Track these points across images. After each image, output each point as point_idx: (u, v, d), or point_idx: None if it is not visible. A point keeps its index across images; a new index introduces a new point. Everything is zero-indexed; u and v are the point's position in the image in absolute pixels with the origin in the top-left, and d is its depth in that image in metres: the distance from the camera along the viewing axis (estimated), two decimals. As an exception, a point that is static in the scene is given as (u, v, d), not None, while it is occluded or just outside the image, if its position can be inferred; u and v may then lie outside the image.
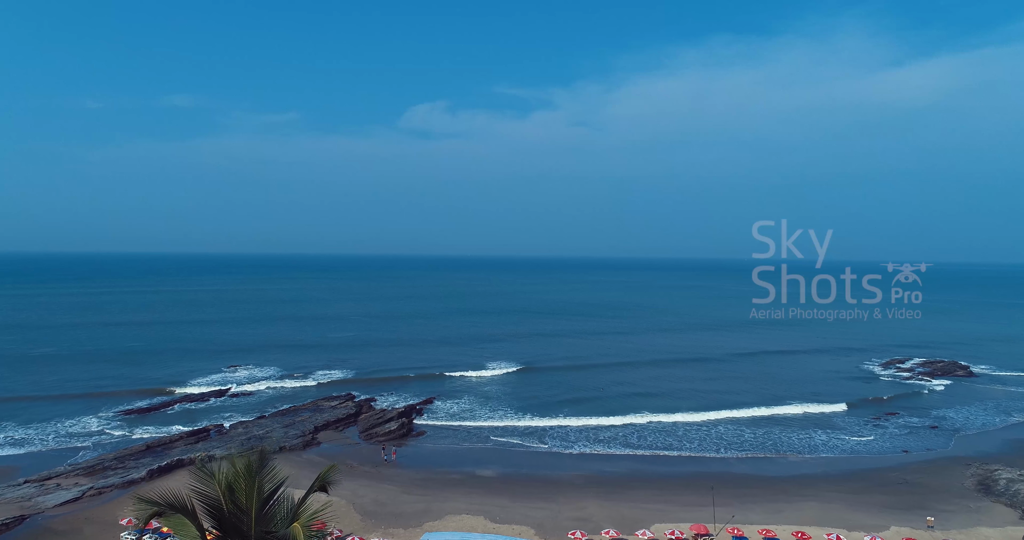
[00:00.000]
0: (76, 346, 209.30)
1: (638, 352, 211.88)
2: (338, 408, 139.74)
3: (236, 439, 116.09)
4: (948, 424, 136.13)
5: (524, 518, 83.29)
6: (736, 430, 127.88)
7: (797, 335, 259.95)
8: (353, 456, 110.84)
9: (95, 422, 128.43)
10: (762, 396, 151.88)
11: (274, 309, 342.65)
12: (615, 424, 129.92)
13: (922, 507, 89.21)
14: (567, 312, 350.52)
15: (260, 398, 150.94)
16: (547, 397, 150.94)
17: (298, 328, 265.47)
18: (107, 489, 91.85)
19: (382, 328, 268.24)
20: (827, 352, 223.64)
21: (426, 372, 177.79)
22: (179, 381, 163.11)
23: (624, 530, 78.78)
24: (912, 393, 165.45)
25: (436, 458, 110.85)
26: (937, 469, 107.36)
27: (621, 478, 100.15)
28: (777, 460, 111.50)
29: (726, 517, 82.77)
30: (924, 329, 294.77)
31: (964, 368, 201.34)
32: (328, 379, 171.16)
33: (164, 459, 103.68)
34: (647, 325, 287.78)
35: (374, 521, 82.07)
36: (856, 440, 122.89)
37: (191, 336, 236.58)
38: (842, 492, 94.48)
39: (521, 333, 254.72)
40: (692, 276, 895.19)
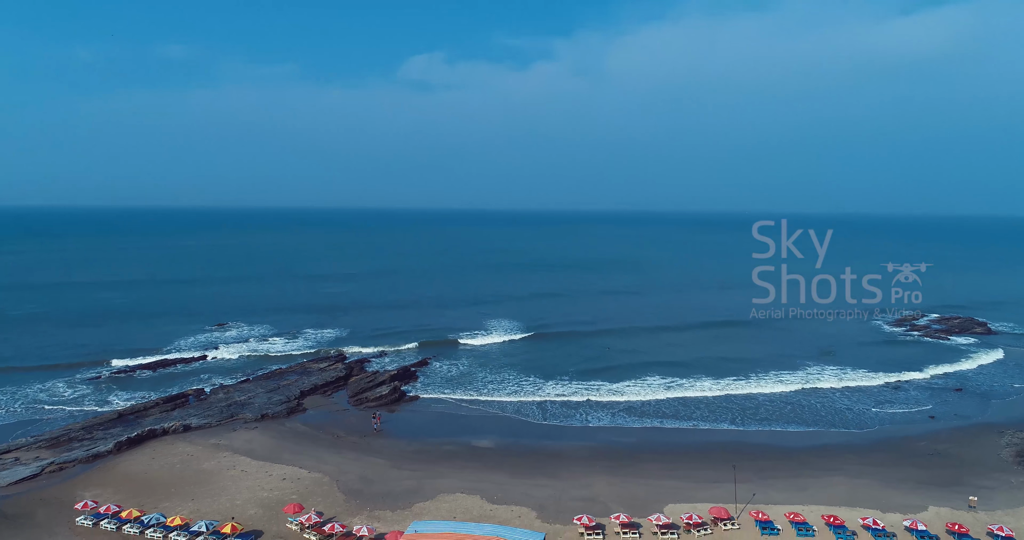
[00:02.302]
0: (56, 307, 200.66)
1: (646, 314, 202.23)
2: (327, 371, 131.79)
3: (215, 406, 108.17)
4: (973, 387, 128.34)
5: (524, 498, 75.55)
6: (750, 397, 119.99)
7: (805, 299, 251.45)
8: (340, 424, 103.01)
9: (67, 388, 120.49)
10: (774, 360, 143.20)
11: (266, 266, 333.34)
12: (623, 391, 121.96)
13: (959, 483, 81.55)
14: (571, 268, 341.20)
15: (245, 360, 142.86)
16: (550, 362, 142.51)
17: (290, 286, 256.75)
18: (69, 464, 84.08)
19: (378, 286, 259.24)
20: (836, 309, 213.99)
21: (422, 333, 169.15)
22: (162, 342, 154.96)
23: (635, 513, 71.00)
24: (930, 352, 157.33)
25: (429, 427, 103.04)
26: (968, 438, 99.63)
27: (630, 450, 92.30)
28: (796, 429, 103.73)
29: (747, 495, 75.08)
30: (934, 284, 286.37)
31: (982, 325, 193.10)
32: (319, 339, 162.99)
33: (135, 429, 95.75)
34: (655, 283, 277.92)
35: (359, 502, 74.30)
36: (877, 407, 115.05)
37: (178, 295, 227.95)
38: (870, 465, 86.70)
39: (523, 292, 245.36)
40: (699, 230, 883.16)
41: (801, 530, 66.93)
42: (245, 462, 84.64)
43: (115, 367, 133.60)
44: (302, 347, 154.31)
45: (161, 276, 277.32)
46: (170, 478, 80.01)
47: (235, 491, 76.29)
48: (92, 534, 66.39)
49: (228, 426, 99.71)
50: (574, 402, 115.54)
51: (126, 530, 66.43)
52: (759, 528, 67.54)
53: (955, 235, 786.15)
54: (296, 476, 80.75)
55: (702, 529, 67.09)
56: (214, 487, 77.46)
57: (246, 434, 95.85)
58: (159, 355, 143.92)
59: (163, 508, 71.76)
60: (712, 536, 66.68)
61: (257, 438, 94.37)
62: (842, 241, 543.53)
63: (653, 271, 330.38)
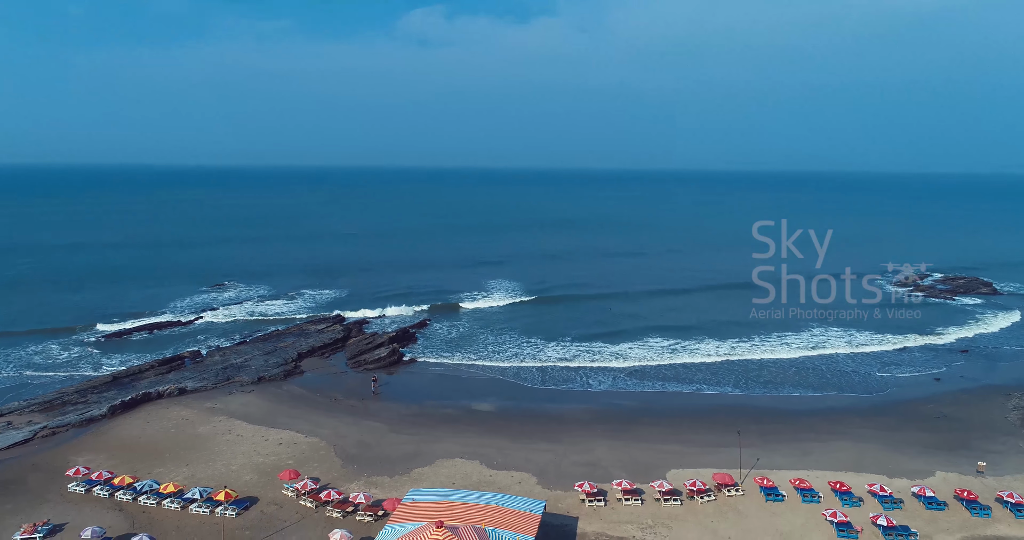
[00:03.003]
0: (50, 268, 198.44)
1: (648, 275, 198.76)
2: (325, 332, 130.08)
3: (211, 369, 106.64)
4: (979, 348, 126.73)
5: (525, 463, 74.25)
6: (752, 359, 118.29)
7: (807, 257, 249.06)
8: (338, 387, 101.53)
9: (61, 351, 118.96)
10: (777, 322, 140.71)
11: (265, 226, 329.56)
12: (625, 355, 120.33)
13: (966, 447, 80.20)
14: (573, 228, 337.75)
15: (243, 321, 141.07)
16: (551, 324, 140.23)
17: (289, 246, 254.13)
18: (62, 429, 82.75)
19: (378, 246, 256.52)
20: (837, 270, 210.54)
21: (422, 294, 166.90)
22: (158, 304, 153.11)
23: (637, 478, 69.73)
24: (936, 313, 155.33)
25: (428, 390, 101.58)
26: (975, 400, 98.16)
27: (632, 414, 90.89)
28: (800, 392, 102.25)
29: (750, 461, 73.70)
30: (937, 243, 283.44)
31: (987, 285, 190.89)
32: (317, 300, 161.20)
33: (129, 392, 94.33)
34: (658, 244, 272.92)
35: (356, 467, 72.98)
36: (883, 369, 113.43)
37: (174, 256, 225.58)
38: (876, 429, 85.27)
39: (524, 253, 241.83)
40: (701, 188, 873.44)
41: (806, 496, 65.62)
42: (241, 426, 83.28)
43: (111, 329, 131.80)
44: (300, 308, 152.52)
45: (156, 236, 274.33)
46: (165, 443, 78.70)
47: (230, 456, 75.01)
48: (84, 501, 65.16)
49: (224, 389, 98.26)
50: (575, 365, 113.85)
51: (119, 497, 65.15)
52: (763, 494, 66.27)
53: (957, 193, 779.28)
54: (292, 441, 79.42)
55: (705, 495, 65.80)
56: (209, 452, 76.18)
57: (242, 397, 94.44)
58: (155, 317, 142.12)
59: (157, 474, 70.54)
60: (716, 502, 65.40)
61: (253, 401, 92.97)
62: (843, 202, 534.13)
63: (656, 231, 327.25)
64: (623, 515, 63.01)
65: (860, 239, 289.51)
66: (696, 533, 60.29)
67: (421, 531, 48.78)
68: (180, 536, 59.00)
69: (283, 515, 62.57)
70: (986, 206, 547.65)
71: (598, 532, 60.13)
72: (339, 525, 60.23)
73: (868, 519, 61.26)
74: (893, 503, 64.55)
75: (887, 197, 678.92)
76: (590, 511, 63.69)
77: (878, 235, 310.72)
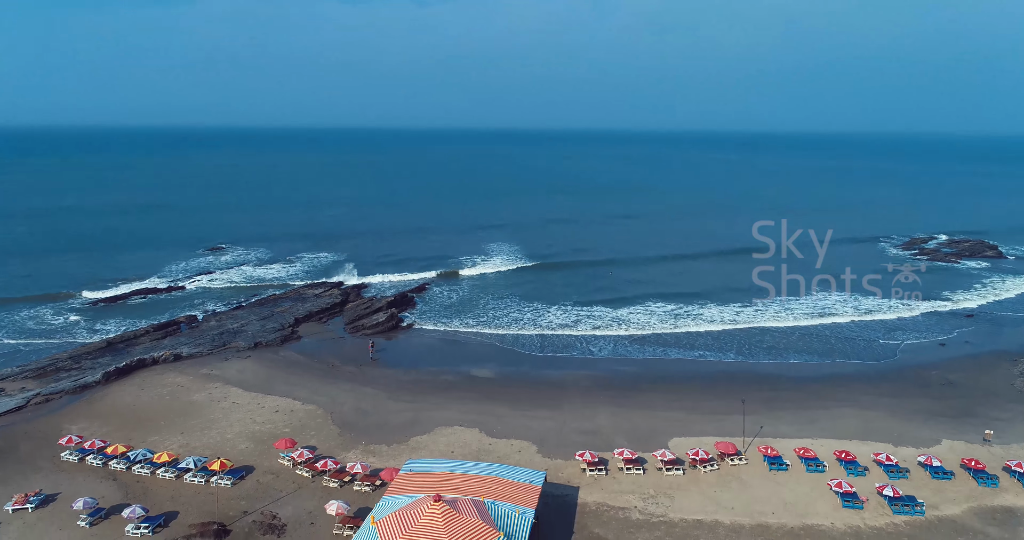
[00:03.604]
0: (45, 232, 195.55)
1: (651, 239, 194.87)
2: (323, 296, 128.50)
3: (207, 334, 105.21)
4: (985, 312, 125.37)
5: (524, 430, 73.14)
6: (755, 325, 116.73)
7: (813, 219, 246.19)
8: (335, 352, 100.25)
9: (55, 316, 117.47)
10: (779, 288, 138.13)
11: (263, 189, 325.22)
12: (627, 320, 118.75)
13: (972, 414, 79.07)
14: (575, 191, 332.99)
15: (240, 285, 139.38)
16: (553, 290, 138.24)
17: (288, 210, 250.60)
18: (55, 396, 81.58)
19: (378, 210, 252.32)
20: (842, 235, 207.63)
21: (422, 258, 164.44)
22: (155, 268, 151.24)
23: (639, 446, 68.66)
24: (941, 277, 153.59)
25: (427, 356, 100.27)
26: (981, 366, 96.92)
27: (634, 380, 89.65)
28: (804, 358, 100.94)
29: (754, 429, 72.60)
30: (940, 205, 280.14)
31: (992, 248, 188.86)
32: (316, 264, 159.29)
33: (124, 358, 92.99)
34: (663, 208, 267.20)
35: (353, 435, 71.90)
36: (886, 334, 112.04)
37: (171, 219, 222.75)
38: (881, 396, 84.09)
39: (526, 217, 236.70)
40: (708, 148, 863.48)
41: (811, 466, 64.55)
42: (237, 393, 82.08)
43: (105, 294, 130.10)
44: (298, 272, 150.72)
45: (153, 199, 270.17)
46: (159, 410, 77.55)
47: (226, 424, 73.90)
48: (77, 469, 64.14)
49: (220, 355, 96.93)
50: (576, 331, 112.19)
51: (112, 466, 64.13)
52: (767, 463, 65.20)
53: (962, 154, 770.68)
54: (289, 408, 78.25)
55: (708, 465, 64.75)
56: (204, 420, 75.05)
57: (238, 363, 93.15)
58: (151, 281, 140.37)
59: (151, 442, 69.45)
60: (718, 472, 64.40)
61: (250, 367, 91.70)
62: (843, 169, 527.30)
63: (658, 194, 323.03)
64: (625, 485, 62.01)
65: (860, 203, 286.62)
66: (699, 503, 59.33)
67: (418, 505, 47.56)
68: (174, 506, 57.98)
69: (279, 485, 61.57)
70: (991, 169, 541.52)
71: (599, 502, 59.16)
72: (336, 495, 59.22)
73: (874, 489, 60.22)
74: (899, 472, 63.51)
75: (885, 160, 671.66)
76: (591, 481, 62.69)
77: (878, 199, 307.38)
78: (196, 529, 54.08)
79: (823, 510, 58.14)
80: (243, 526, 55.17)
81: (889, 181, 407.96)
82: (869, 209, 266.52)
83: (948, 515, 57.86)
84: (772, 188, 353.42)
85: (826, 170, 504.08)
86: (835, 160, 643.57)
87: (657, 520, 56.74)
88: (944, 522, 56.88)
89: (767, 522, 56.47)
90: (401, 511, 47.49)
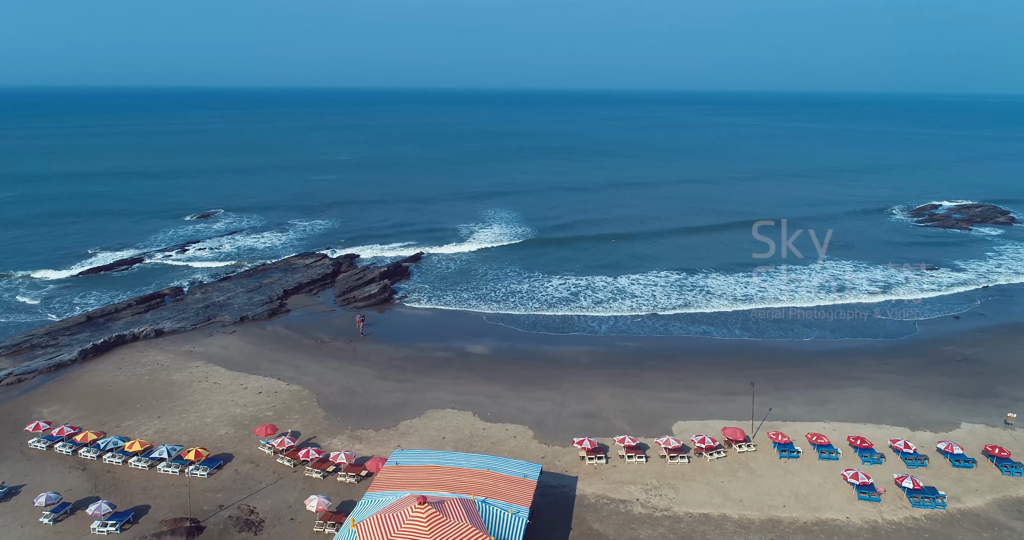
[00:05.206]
0: (26, 198, 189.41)
1: (655, 211, 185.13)
2: (313, 267, 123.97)
3: (192, 308, 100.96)
4: (999, 283, 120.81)
5: (520, 413, 69.33)
6: (760, 298, 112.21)
7: (817, 185, 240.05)
8: (325, 328, 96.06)
9: (32, 288, 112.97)
10: (788, 256, 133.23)
11: (254, 154, 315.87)
12: (628, 293, 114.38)
13: (992, 394, 75.22)
14: (575, 155, 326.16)
15: (228, 255, 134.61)
16: (551, 262, 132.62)
17: (280, 175, 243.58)
18: (28, 375, 77.62)
19: (373, 176, 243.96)
20: (849, 200, 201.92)
21: (417, 228, 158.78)
22: (140, 237, 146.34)
23: (641, 431, 64.92)
24: (952, 244, 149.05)
25: (420, 330, 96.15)
26: (998, 341, 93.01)
27: (636, 357, 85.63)
28: (812, 332, 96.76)
29: (762, 412, 68.75)
30: (949, 171, 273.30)
31: (1004, 214, 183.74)
32: (308, 232, 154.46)
33: (103, 335, 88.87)
34: (665, 174, 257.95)
35: (339, 419, 68.09)
36: (897, 306, 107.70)
37: (159, 186, 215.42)
38: (894, 374, 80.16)
39: (525, 184, 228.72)
40: (711, 111, 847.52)
41: (824, 453, 60.80)
42: (219, 373, 78.20)
43: (87, 266, 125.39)
44: (290, 241, 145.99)
45: (140, 165, 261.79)
46: (137, 392, 73.67)
47: (205, 407, 70.07)
48: (46, 458, 60.45)
49: (204, 330, 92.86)
50: (576, 304, 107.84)
51: (82, 454, 60.40)
52: (777, 450, 61.45)
53: (970, 116, 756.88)
54: (273, 389, 74.39)
55: (715, 452, 60.97)
56: (184, 401, 71.24)
57: (223, 340, 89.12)
58: (136, 249, 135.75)
59: (126, 427, 65.71)
60: (726, 459, 60.67)
61: (234, 344, 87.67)
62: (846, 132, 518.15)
63: (661, 158, 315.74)
64: (626, 474, 58.32)
65: (868, 167, 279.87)
66: (705, 494, 55.69)
67: (402, 506, 43.71)
68: (145, 499, 54.42)
69: (258, 475, 57.88)
70: (998, 133, 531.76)
71: (599, 494, 55.51)
72: (319, 486, 55.65)
73: (891, 479, 56.55)
74: (917, 461, 59.76)
75: (890, 123, 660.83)
76: (590, 470, 59.00)
77: (885, 163, 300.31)
78: (167, 526, 50.55)
79: (837, 503, 54.53)
80: (218, 522, 51.60)
81: (894, 145, 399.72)
82: (876, 174, 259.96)
83: (971, 508, 54.28)
84: (779, 152, 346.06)
85: (829, 134, 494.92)
86: (837, 123, 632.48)
87: (660, 514, 53.15)
88: (967, 516, 53.29)
89: (778, 516, 52.89)
90: (383, 513, 43.68)
